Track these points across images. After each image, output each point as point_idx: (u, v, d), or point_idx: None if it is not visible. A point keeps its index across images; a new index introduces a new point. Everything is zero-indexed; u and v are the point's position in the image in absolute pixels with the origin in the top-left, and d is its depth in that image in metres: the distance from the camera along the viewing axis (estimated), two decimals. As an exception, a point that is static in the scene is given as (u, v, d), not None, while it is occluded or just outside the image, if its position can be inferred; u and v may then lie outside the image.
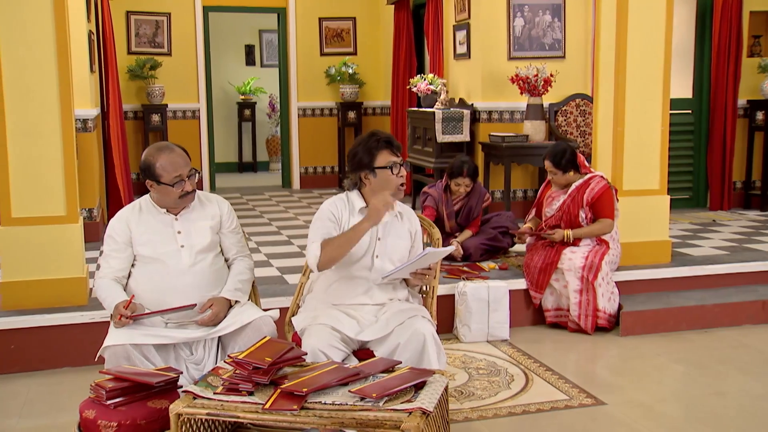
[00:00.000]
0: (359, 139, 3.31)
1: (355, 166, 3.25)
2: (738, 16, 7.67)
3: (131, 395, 2.65)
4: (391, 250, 3.26)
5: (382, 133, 3.27)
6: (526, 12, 7.30)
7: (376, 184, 3.22)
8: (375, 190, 3.23)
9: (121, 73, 8.86)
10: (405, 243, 3.32)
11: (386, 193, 3.13)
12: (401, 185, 3.23)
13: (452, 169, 5.51)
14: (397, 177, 3.21)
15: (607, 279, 4.84)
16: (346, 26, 10.21)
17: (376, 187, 3.22)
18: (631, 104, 5.26)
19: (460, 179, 5.47)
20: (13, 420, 3.66)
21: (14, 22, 4.23)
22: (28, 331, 4.25)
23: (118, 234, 3.25)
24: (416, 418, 2.34)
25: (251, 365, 2.54)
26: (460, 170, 5.46)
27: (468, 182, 5.48)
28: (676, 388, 4.16)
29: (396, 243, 3.30)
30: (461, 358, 4.43)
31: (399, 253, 3.25)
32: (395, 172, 3.20)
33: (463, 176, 5.45)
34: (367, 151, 3.21)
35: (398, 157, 3.23)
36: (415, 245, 3.36)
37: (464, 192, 5.52)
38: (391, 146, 3.22)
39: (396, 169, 3.20)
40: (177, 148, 3.26)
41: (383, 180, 3.21)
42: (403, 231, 3.34)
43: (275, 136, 12.86)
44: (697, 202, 8.10)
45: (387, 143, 3.21)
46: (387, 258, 3.26)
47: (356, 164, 3.24)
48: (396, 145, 3.24)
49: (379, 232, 3.27)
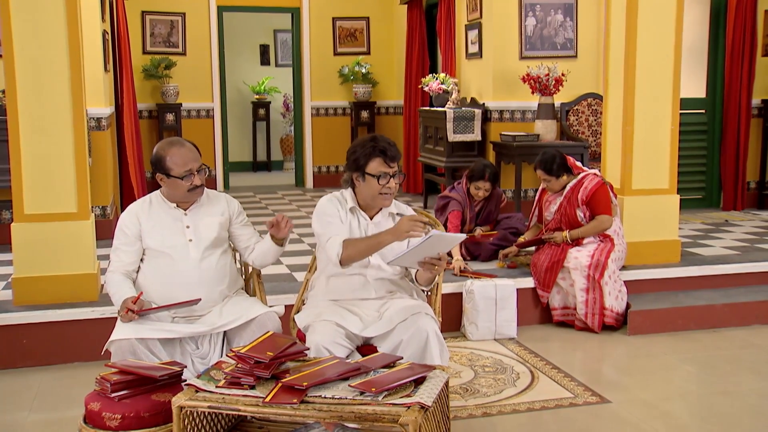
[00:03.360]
0: (362, 139, 3.33)
1: (350, 165, 3.30)
2: (752, 15, 7.62)
3: (135, 388, 2.69)
4: (386, 249, 3.27)
5: (383, 140, 3.26)
6: (538, 11, 7.30)
7: (364, 187, 3.26)
8: (362, 192, 3.28)
9: (136, 73, 8.93)
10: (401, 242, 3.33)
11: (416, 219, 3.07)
12: (384, 193, 3.24)
13: (473, 172, 5.52)
14: (383, 187, 3.22)
15: (614, 277, 4.83)
16: (360, 26, 10.25)
17: (364, 189, 3.27)
18: (640, 103, 5.26)
19: (480, 183, 5.48)
20: (24, 413, 3.71)
21: (27, 21, 4.29)
22: (40, 326, 4.31)
23: (128, 227, 3.31)
24: (414, 412, 2.36)
25: (253, 359, 2.57)
26: (481, 174, 5.47)
27: (488, 186, 5.50)
28: (683, 387, 4.15)
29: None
30: (468, 355, 4.45)
31: (394, 252, 3.27)
32: (382, 183, 3.21)
33: (485, 180, 5.47)
34: (363, 154, 3.23)
35: (391, 168, 3.23)
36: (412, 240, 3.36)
37: (483, 196, 5.54)
38: (385, 156, 3.21)
39: (384, 179, 3.21)
40: (188, 143, 3.32)
41: (369, 186, 3.24)
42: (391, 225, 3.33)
43: (289, 135, 12.92)
44: (710, 202, 8.06)
45: (382, 152, 3.21)
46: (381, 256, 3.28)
47: (351, 164, 3.29)
48: (391, 155, 3.22)
49: (369, 232, 3.30)
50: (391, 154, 3.22)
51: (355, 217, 3.33)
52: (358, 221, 3.33)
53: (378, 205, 3.32)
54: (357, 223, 3.33)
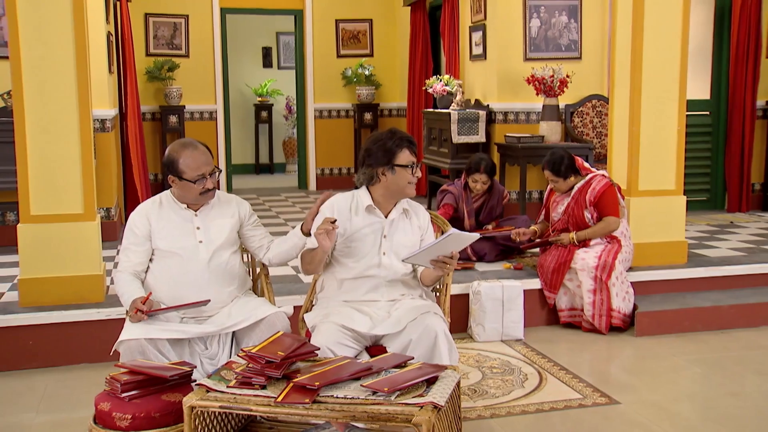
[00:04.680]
0: (378, 135, 3.32)
1: (373, 161, 3.26)
2: (757, 16, 7.61)
3: (146, 388, 2.68)
4: (398, 247, 3.27)
5: (402, 132, 3.33)
6: (543, 13, 7.30)
7: (392, 181, 3.25)
8: (389, 186, 3.25)
9: (140, 75, 8.92)
10: (413, 238, 3.33)
11: (323, 224, 3.10)
12: (411, 182, 3.27)
13: (469, 165, 5.58)
14: (413, 176, 3.26)
15: (622, 278, 4.82)
16: (363, 28, 10.24)
17: (391, 184, 3.25)
18: (647, 104, 5.25)
19: (477, 175, 5.51)
20: (30, 414, 3.70)
21: (33, 21, 4.28)
22: (46, 328, 4.30)
23: (138, 227, 3.30)
24: (428, 412, 2.34)
25: (264, 359, 2.56)
26: (477, 166, 5.51)
27: (485, 179, 5.52)
28: (691, 388, 4.14)
29: (403, 239, 3.31)
30: (475, 357, 4.43)
31: (407, 250, 3.26)
32: (413, 172, 3.25)
33: (480, 172, 5.50)
34: (388, 148, 3.24)
35: (416, 157, 3.30)
36: (425, 239, 3.37)
37: (481, 189, 5.56)
38: (411, 145, 3.28)
39: (415, 168, 3.26)
40: (200, 146, 3.31)
41: (400, 177, 3.24)
42: (409, 227, 3.35)
43: (292, 137, 12.91)
44: (714, 204, 8.05)
45: (409, 142, 3.28)
46: (394, 255, 3.28)
47: (374, 160, 3.26)
48: (415, 144, 3.32)
49: (385, 230, 3.29)
50: (415, 143, 3.29)
51: (370, 216, 3.31)
52: (372, 221, 3.31)
53: (405, 196, 3.32)
54: (371, 223, 3.30)
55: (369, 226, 3.29)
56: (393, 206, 3.33)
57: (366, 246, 3.26)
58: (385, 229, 3.29)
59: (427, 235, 3.38)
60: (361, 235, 3.28)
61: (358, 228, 3.28)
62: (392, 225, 3.31)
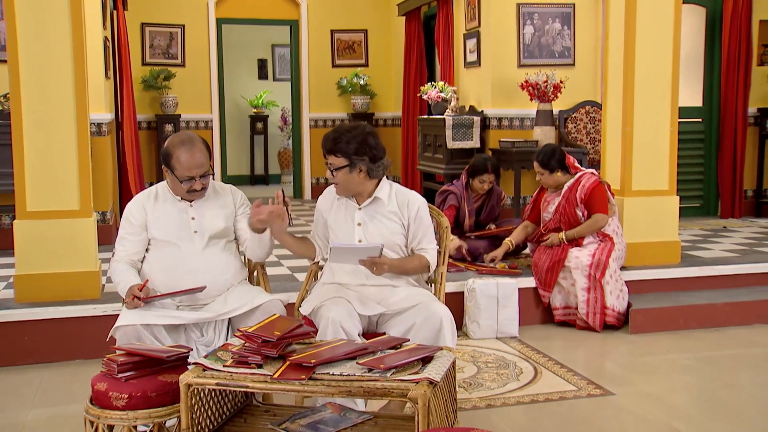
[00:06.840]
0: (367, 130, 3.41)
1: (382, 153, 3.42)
2: (747, 24, 7.70)
3: (142, 369, 2.67)
4: (374, 234, 3.28)
5: (326, 135, 3.42)
6: (536, 20, 7.36)
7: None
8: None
9: (136, 84, 8.95)
10: (391, 225, 3.31)
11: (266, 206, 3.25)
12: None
13: (475, 166, 5.57)
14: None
15: (616, 276, 4.84)
16: (358, 38, 10.31)
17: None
18: (639, 105, 5.30)
19: (485, 176, 5.53)
20: (26, 409, 3.69)
21: (32, 21, 4.32)
22: (42, 323, 4.30)
23: (135, 217, 3.32)
24: (423, 387, 2.35)
25: (260, 338, 2.57)
26: (484, 167, 5.53)
27: (492, 178, 5.57)
28: (686, 381, 4.15)
29: (379, 226, 3.30)
30: (470, 353, 4.44)
31: (384, 236, 3.27)
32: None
33: (489, 172, 5.52)
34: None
35: (327, 160, 3.37)
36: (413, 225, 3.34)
37: (487, 189, 5.59)
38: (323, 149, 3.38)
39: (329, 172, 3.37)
40: (198, 144, 3.29)
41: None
42: (387, 212, 3.32)
43: (287, 149, 12.95)
44: (707, 210, 8.09)
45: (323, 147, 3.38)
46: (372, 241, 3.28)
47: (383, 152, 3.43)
48: (326, 149, 3.37)
49: (357, 218, 3.32)
50: (326, 148, 3.32)
51: (342, 204, 3.38)
52: (345, 208, 3.37)
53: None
54: (344, 210, 3.37)
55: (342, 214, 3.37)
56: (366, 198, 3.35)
57: (341, 235, 3.33)
58: (357, 217, 3.33)
59: (417, 223, 3.34)
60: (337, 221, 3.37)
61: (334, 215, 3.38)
62: (366, 212, 3.33)
